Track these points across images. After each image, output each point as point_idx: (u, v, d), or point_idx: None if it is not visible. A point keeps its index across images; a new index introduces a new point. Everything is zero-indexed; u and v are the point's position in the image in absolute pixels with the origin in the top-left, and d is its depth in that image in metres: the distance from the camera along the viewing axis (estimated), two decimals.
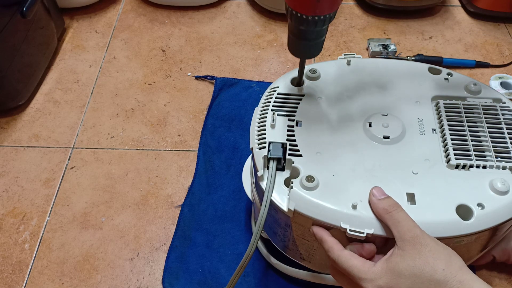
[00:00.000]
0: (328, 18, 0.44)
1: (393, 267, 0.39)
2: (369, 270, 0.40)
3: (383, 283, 0.38)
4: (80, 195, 0.71)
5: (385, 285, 0.38)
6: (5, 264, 0.64)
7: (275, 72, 0.89)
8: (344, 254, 0.41)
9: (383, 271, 0.39)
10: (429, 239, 0.39)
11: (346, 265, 0.41)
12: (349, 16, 1.01)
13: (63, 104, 0.83)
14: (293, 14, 0.45)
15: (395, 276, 0.38)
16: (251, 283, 0.62)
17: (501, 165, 0.46)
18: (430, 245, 0.39)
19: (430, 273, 0.37)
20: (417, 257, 0.38)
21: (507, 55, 0.92)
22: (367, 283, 0.39)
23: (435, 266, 0.38)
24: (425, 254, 0.38)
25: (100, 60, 0.91)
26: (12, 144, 0.77)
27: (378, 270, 0.39)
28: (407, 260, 0.38)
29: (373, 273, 0.39)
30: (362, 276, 0.39)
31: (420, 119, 0.51)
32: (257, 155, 0.48)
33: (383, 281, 0.38)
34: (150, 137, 0.78)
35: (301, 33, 0.46)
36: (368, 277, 0.39)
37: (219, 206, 0.69)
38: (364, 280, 0.39)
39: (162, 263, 0.64)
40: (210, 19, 1.00)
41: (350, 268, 0.41)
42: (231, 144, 0.77)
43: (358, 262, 0.41)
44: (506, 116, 0.50)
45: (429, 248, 0.38)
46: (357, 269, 0.40)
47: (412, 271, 0.38)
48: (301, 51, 0.49)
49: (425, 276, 0.37)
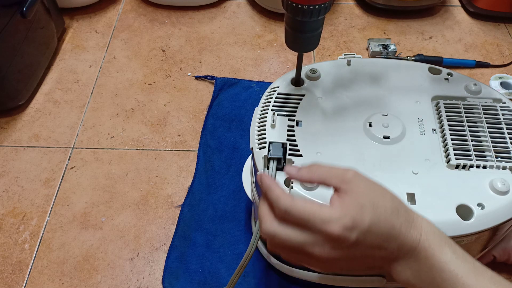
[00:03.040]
0: (323, 8, 0.45)
1: (352, 202, 0.36)
2: (330, 211, 0.35)
3: (348, 220, 0.35)
4: (80, 195, 0.71)
5: (351, 222, 0.35)
6: (5, 264, 0.64)
7: (275, 72, 0.89)
8: (298, 201, 0.36)
9: (344, 208, 0.35)
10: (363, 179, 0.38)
11: (303, 212, 0.35)
12: (349, 16, 1.01)
13: (63, 104, 0.83)
14: (288, 5, 0.45)
15: (358, 209, 0.35)
16: (251, 283, 0.62)
17: (501, 165, 0.46)
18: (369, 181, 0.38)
19: (387, 199, 0.37)
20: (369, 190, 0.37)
21: (507, 55, 0.92)
22: (333, 225, 0.35)
23: (388, 195, 0.38)
24: (374, 186, 0.38)
25: (100, 60, 0.91)
26: (12, 144, 0.77)
27: (339, 209, 0.35)
28: (360, 194, 0.36)
29: (336, 213, 0.35)
30: (325, 218, 0.35)
31: (420, 119, 0.51)
32: (257, 155, 0.48)
33: (348, 218, 0.35)
34: (150, 137, 0.78)
35: (298, 25, 0.47)
36: (332, 218, 0.35)
37: (219, 206, 0.69)
38: (329, 223, 0.35)
39: (162, 263, 0.64)
40: (210, 19, 1.00)
41: (308, 215, 0.35)
42: (231, 144, 0.77)
43: (315, 206, 0.36)
44: (506, 116, 0.50)
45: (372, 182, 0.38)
46: (318, 213, 0.35)
47: (371, 201, 0.36)
48: (298, 44, 0.49)
49: (385, 205, 0.37)
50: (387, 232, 0.36)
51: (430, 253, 0.36)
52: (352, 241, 0.35)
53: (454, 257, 0.36)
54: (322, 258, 0.36)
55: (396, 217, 0.37)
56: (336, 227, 0.35)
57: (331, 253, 0.36)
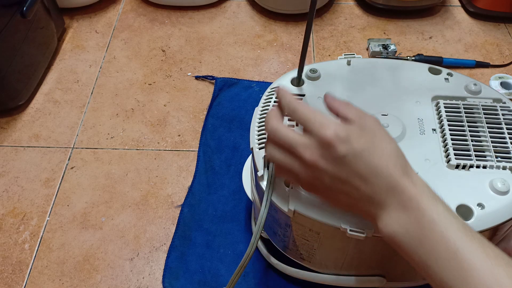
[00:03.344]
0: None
1: (355, 127, 0.37)
2: (331, 120, 0.37)
3: (344, 133, 0.36)
4: (80, 195, 0.71)
5: (345, 135, 0.36)
6: (5, 264, 0.64)
7: (275, 72, 0.89)
8: (306, 106, 0.38)
9: (345, 126, 0.37)
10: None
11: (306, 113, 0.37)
12: (349, 16, 1.01)
13: (63, 104, 0.83)
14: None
15: (357, 131, 0.37)
16: (251, 283, 0.62)
17: (501, 165, 0.46)
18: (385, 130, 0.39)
19: (393, 145, 0.38)
20: (379, 129, 0.38)
21: (507, 55, 0.92)
22: (328, 130, 0.36)
23: (395, 144, 0.38)
24: (387, 134, 0.39)
25: (100, 60, 0.91)
26: (12, 144, 0.77)
27: (340, 124, 0.37)
28: (367, 126, 0.37)
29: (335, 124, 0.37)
30: (324, 123, 0.36)
31: (420, 119, 0.51)
32: (257, 155, 0.48)
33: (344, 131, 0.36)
34: (150, 137, 0.78)
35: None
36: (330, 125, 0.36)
37: (219, 206, 0.69)
38: (325, 127, 0.36)
39: (162, 263, 0.64)
40: (210, 19, 1.00)
41: (310, 116, 0.37)
42: (231, 144, 0.77)
43: (320, 113, 0.38)
44: (506, 116, 0.50)
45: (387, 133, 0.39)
46: (319, 118, 0.37)
47: (374, 134, 0.37)
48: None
49: (386, 146, 0.37)
50: (378, 166, 0.36)
51: (422, 206, 0.35)
52: (341, 154, 0.36)
53: (446, 213, 0.35)
54: (309, 163, 0.37)
55: (392, 159, 0.37)
56: (330, 132, 0.36)
57: (319, 161, 0.37)
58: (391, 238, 0.37)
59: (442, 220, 0.35)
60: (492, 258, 0.33)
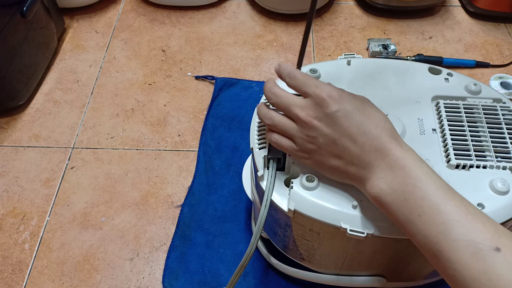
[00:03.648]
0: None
1: (348, 93, 0.41)
2: (326, 82, 0.41)
3: (336, 94, 0.40)
4: (80, 195, 0.71)
5: (338, 95, 0.40)
6: (5, 264, 0.64)
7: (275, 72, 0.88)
8: (303, 73, 0.42)
9: (339, 89, 0.40)
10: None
11: (304, 77, 0.41)
12: (349, 16, 1.01)
13: (63, 104, 0.83)
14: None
15: (349, 96, 0.40)
16: (251, 283, 0.62)
17: (501, 165, 0.46)
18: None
19: (383, 114, 0.41)
20: (371, 104, 0.42)
21: (507, 55, 0.92)
22: (322, 90, 0.40)
23: (386, 117, 0.41)
24: (381, 112, 0.42)
25: (100, 60, 0.91)
26: (12, 144, 0.77)
27: (334, 87, 0.40)
28: (359, 97, 0.42)
29: (329, 86, 0.40)
30: (319, 85, 0.40)
31: (420, 119, 0.51)
32: (257, 155, 0.48)
33: (337, 93, 0.40)
34: (150, 137, 0.78)
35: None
36: (325, 87, 0.40)
37: (219, 206, 0.69)
38: (320, 88, 0.40)
39: (162, 263, 0.64)
40: (210, 19, 1.00)
41: (306, 79, 0.41)
42: (231, 144, 0.77)
43: (316, 79, 0.42)
44: (506, 116, 0.50)
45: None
46: (315, 80, 0.41)
47: (365, 101, 0.42)
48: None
49: (376, 113, 0.41)
50: (367, 127, 0.39)
51: (407, 165, 0.37)
52: (333, 110, 0.39)
53: (430, 173, 0.37)
54: (304, 122, 0.40)
55: (381, 122, 0.40)
56: (324, 92, 0.39)
57: (313, 120, 0.40)
58: (378, 198, 0.38)
59: (426, 178, 0.37)
60: (472, 214, 0.35)
